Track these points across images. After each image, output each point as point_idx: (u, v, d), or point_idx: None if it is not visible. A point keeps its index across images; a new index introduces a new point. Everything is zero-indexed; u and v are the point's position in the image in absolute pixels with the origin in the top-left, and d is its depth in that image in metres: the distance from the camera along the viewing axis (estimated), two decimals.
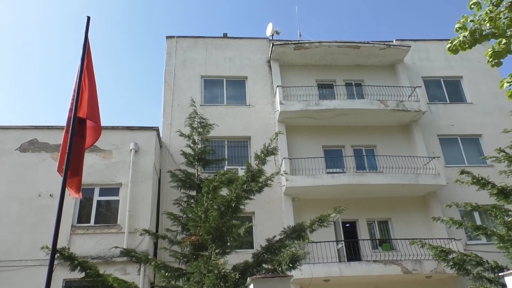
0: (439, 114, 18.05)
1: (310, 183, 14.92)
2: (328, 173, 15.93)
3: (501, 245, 8.47)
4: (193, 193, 8.38)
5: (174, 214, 8.16)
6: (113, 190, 13.48)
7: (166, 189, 14.27)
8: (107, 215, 13.38)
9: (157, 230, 13.24)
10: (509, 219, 8.35)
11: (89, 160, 13.41)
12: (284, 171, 12.91)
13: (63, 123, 6.31)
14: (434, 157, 15.87)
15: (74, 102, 6.40)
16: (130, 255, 7.71)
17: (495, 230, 8.87)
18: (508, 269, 5.82)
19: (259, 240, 11.28)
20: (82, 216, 13.09)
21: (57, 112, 52.66)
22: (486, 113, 18.11)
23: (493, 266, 8.31)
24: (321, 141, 16.96)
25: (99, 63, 48.49)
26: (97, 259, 11.75)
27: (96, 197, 13.31)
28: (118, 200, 13.28)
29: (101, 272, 6.36)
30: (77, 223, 12.85)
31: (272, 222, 14.20)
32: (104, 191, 13.47)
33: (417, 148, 16.79)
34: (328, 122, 17.03)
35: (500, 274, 6.22)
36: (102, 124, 6.94)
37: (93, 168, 13.39)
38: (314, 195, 15.30)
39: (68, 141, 6.16)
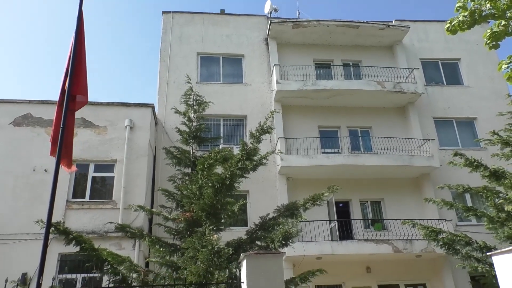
0: (436, 97, 18.05)
1: (304, 163, 15.00)
2: (323, 153, 16.00)
3: (490, 226, 8.63)
4: (188, 170, 8.41)
5: (169, 191, 8.21)
6: (108, 167, 13.49)
7: (161, 166, 14.31)
8: (102, 191, 13.43)
9: (152, 207, 13.34)
10: (500, 201, 8.48)
11: (84, 136, 13.38)
12: (279, 150, 12.94)
13: (56, 97, 6.26)
14: (428, 139, 15.95)
15: (68, 79, 6.36)
16: (125, 230, 7.78)
17: (485, 211, 9.02)
18: (496, 249, 5.93)
19: (253, 218, 11.40)
20: (77, 191, 13.14)
21: (51, 87, 52.10)
22: (482, 97, 18.13)
23: (481, 246, 8.49)
24: (317, 121, 16.96)
25: (94, 38, 47.75)
26: (92, 234, 11.86)
27: (91, 173, 13.33)
28: (113, 177, 13.32)
29: (96, 246, 6.42)
30: (72, 198, 12.91)
31: (266, 201, 14.31)
32: (99, 167, 13.48)
33: (412, 130, 16.85)
34: (325, 102, 16.99)
35: (488, 253, 6.35)
36: (98, 99, 6.92)
37: (88, 144, 13.35)
38: (309, 174, 15.40)
39: (63, 116, 6.16)
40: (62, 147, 5.99)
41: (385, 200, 16.03)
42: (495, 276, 6.05)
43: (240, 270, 5.92)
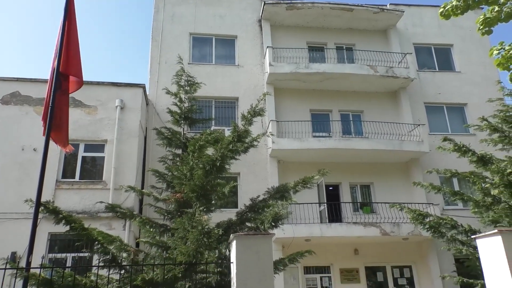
0: (427, 82, 18.12)
1: (296, 146, 15.06)
2: (314, 136, 16.06)
3: (476, 210, 8.80)
4: (179, 151, 8.39)
5: (160, 172, 8.20)
6: (98, 147, 13.41)
7: (152, 147, 14.26)
8: (93, 171, 13.38)
9: (142, 187, 13.34)
10: (486, 185, 8.63)
11: (74, 115, 13.21)
12: (270, 132, 12.96)
13: (47, 76, 6.20)
14: (419, 125, 16.08)
15: (57, 57, 6.28)
16: (115, 210, 7.79)
17: (471, 196, 9.18)
18: (480, 233, 6.07)
19: (244, 200, 11.47)
20: (67, 171, 13.07)
21: (41, 66, 51.16)
22: (473, 83, 18.24)
23: (466, 230, 8.67)
24: (309, 104, 16.96)
25: (85, 17, 46.72)
26: (82, 214, 11.85)
27: (81, 153, 13.24)
28: (104, 157, 13.26)
29: (86, 226, 6.43)
30: (62, 178, 12.85)
31: (257, 183, 14.40)
32: (89, 147, 13.39)
33: (403, 115, 16.95)
34: (317, 86, 16.96)
35: (472, 237, 6.50)
36: (87, 79, 6.88)
37: (78, 123, 13.21)
38: (300, 158, 15.48)
39: (51, 95, 6.10)
40: (51, 126, 5.96)
41: (375, 184, 16.23)
42: (478, 259, 6.21)
43: (229, 251, 5.99)
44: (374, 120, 16.42)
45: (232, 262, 5.52)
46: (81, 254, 9.51)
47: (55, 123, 6.08)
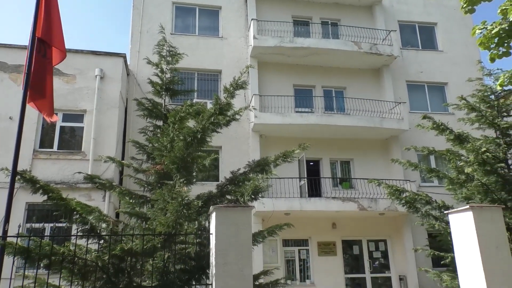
0: (410, 60, 18.23)
1: (278, 120, 15.09)
2: (297, 112, 16.10)
3: (450, 187, 9.07)
4: (160, 123, 8.29)
5: (140, 143, 8.10)
6: (77, 117, 13.14)
7: (132, 117, 14.06)
8: (71, 141, 13.15)
9: (123, 159, 13.22)
10: (461, 163, 8.87)
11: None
12: (252, 106, 12.92)
13: (24, 42, 6.00)
14: (400, 102, 16.26)
15: (33, 21, 6.08)
16: (94, 181, 7.70)
17: (446, 173, 9.44)
18: (453, 209, 6.28)
19: (225, 174, 11.47)
20: (45, 141, 12.81)
21: (16, 32, 49.15)
22: (454, 62, 18.45)
23: (440, 206, 8.95)
24: (292, 79, 16.91)
25: None
26: (61, 185, 11.70)
27: (59, 123, 12.96)
28: (83, 127, 13.02)
29: (64, 197, 6.36)
30: (40, 148, 12.60)
31: (238, 157, 14.43)
32: (67, 117, 13.10)
33: (385, 93, 17.10)
34: (301, 61, 16.87)
35: (445, 212, 6.71)
36: (66, 46, 6.70)
37: (56, 92, 12.60)
38: (282, 133, 15.54)
39: (27, 60, 5.92)
40: (27, 93, 5.81)
41: (354, 160, 16.49)
42: (450, 233, 6.44)
43: (209, 222, 6.05)
44: (356, 97, 16.52)
45: (212, 234, 5.59)
46: (60, 225, 9.46)
47: (39, 90, 5.94)
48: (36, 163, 12.27)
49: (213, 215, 5.57)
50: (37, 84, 5.88)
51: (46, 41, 6.12)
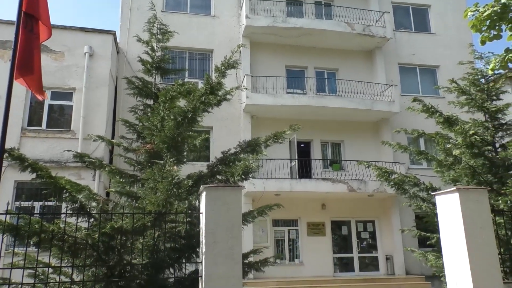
0: (402, 43, 18.18)
1: (270, 101, 15.05)
2: (288, 93, 16.06)
3: (438, 169, 9.18)
4: (150, 102, 8.20)
5: (130, 122, 8.02)
6: (66, 95, 12.96)
7: (122, 96, 13.91)
8: (60, 120, 13.00)
9: (113, 138, 13.15)
10: (449, 146, 8.96)
11: None
12: (244, 86, 12.84)
13: (10, 18, 5.83)
14: (391, 85, 16.29)
15: None
16: (83, 160, 7.63)
17: (435, 155, 9.55)
18: (440, 190, 6.38)
19: (216, 155, 11.48)
20: (33, 119, 12.65)
21: (7, 7, 47.78)
22: (446, 45, 18.44)
23: (428, 187, 9.08)
24: (285, 60, 16.80)
25: None
26: (50, 163, 11.62)
27: (48, 101, 12.77)
28: (72, 106, 12.86)
29: (53, 175, 6.31)
30: (28, 126, 12.45)
31: (229, 138, 14.41)
32: (56, 95, 12.92)
33: (377, 75, 17.09)
34: (294, 42, 16.73)
35: (432, 193, 6.82)
36: (53, 22, 6.55)
37: (44, 69, 12.33)
38: (273, 114, 15.52)
39: (14, 36, 5.78)
40: (14, 69, 5.69)
41: (345, 142, 16.59)
42: (436, 215, 6.56)
43: (199, 202, 6.07)
44: (348, 79, 16.50)
45: (202, 213, 5.62)
46: (49, 203, 9.43)
47: (27, 66, 5.81)
48: (25, 141, 12.14)
49: (203, 195, 5.60)
50: (25, 59, 5.75)
51: (33, 15, 5.97)
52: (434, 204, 7.01)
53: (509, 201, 7.08)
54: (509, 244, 6.60)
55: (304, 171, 15.49)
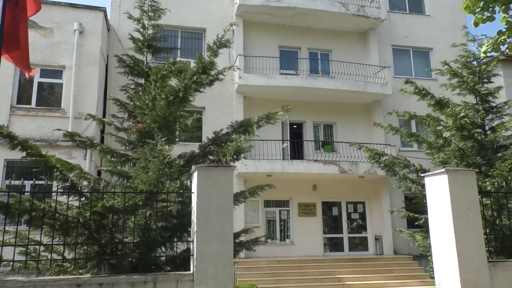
0: (397, 24, 18.06)
1: (262, 82, 14.96)
2: (281, 74, 15.97)
3: (428, 151, 9.29)
4: (141, 81, 8.09)
5: (121, 101, 7.93)
6: (56, 73, 12.76)
7: (113, 75, 13.71)
8: (50, 98, 12.84)
9: (104, 117, 13.01)
10: (440, 128, 9.04)
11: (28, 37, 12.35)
12: (236, 66, 12.73)
13: None
14: (384, 67, 16.26)
15: None
16: (74, 138, 7.57)
17: (425, 138, 9.64)
18: (429, 172, 6.46)
19: (208, 135, 11.47)
20: (23, 97, 12.47)
21: None
22: (441, 28, 18.36)
23: (417, 169, 9.19)
24: (278, 40, 16.63)
25: None
26: (40, 142, 11.50)
27: (37, 79, 12.57)
28: (62, 84, 12.68)
29: (44, 153, 6.26)
30: (17, 104, 12.27)
31: (222, 119, 14.36)
32: (45, 73, 12.71)
33: (370, 56, 17.02)
34: (287, 21, 16.53)
35: (421, 175, 6.91)
36: None
37: (32, 46, 12.11)
38: (266, 95, 15.46)
39: (1, 11, 5.63)
40: (1, 44, 5.56)
41: (337, 124, 16.63)
42: (425, 196, 6.66)
43: (191, 181, 6.09)
44: (341, 60, 16.42)
45: (193, 193, 5.64)
46: (39, 182, 9.39)
47: (13, 42, 5.67)
48: (14, 119, 12.00)
49: (195, 174, 5.61)
50: (11, 35, 5.60)
51: None
52: (423, 186, 7.12)
53: (496, 183, 7.20)
54: (494, 225, 6.74)
55: (296, 152, 15.56)
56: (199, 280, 5.20)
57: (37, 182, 8.46)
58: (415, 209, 10.85)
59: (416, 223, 10.46)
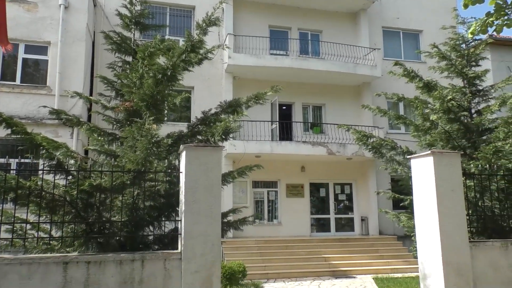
0: (388, 5, 17.96)
1: (252, 62, 14.84)
2: (271, 54, 15.84)
3: (415, 134, 9.38)
4: (129, 58, 7.95)
5: (108, 79, 7.80)
6: (41, 49, 12.45)
7: (100, 52, 13.46)
8: (36, 75, 12.58)
9: (90, 95, 12.82)
10: (427, 111, 9.11)
11: (10, 11, 11.93)
12: (226, 45, 12.58)
13: None
14: (374, 49, 16.23)
15: None
16: (60, 116, 7.45)
17: (413, 120, 9.72)
18: (415, 154, 6.55)
19: (197, 115, 11.42)
20: (7, 74, 12.19)
21: None
22: (431, 10, 18.32)
23: (404, 151, 9.30)
24: (268, 20, 16.44)
25: None
26: (26, 120, 11.31)
27: (21, 55, 12.27)
28: (47, 60, 12.40)
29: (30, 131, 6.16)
30: (1, 80, 11.99)
31: (211, 99, 14.25)
32: (30, 49, 12.40)
33: (361, 38, 16.96)
34: (278, 1, 16.34)
35: (408, 157, 7.00)
36: None
37: (16, 21, 12.01)
38: (255, 75, 15.36)
39: None
40: None
41: (326, 106, 16.66)
42: (410, 178, 6.76)
43: (179, 161, 6.08)
44: (332, 41, 16.33)
45: (181, 172, 5.64)
46: (25, 160, 9.28)
47: None
48: None
49: (183, 154, 5.59)
50: None
51: None
52: (409, 168, 7.22)
53: (480, 165, 7.33)
54: (477, 206, 6.89)
55: (285, 133, 15.59)
56: (187, 259, 5.25)
57: (22, 160, 8.36)
58: (401, 191, 11.02)
59: (401, 204, 10.65)
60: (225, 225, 7.13)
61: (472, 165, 7.73)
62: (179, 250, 5.39)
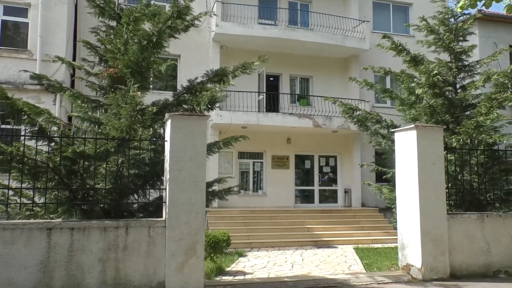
0: None
1: (240, 31, 14.58)
2: (260, 23, 15.57)
3: (401, 108, 9.47)
4: (113, 23, 7.70)
5: (91, 44, 7.56)
6: (21, 10, 11.98)
7: (83, 16, 13.00)
8: (16, 39, 12.16)
9: (74, 60, 12.47)
10: (413, 85, 9.16)
11: None
12: (213, 12, 12.28)
13: None
14: (363, 21, 16.07)
15: None
16: (41, 81, 7.25)
17: (398, 94, 9.78)
18: (400, 127, 6.63)
19: (183, 84, 11.28)
20: None
21: None
22: None
23: (389, 125, 9.41)
24: None
25: None
26: (6, 85, 10.97)
27: (0, 16, 11.79)
28: (28, 23, 11.96)
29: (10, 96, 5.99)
30: None
31: (197, 68, 14.00)
32: (9, 10, 11.92)
33: (350, 10, 16.75)
34: None
35: (392, 130, 7.09)
36: None
37: None
38: (243, 45, 15.12)
39: None
40: None
41: (314, 78, 16.60)
42: (394, 151, 6.87)
43: (164, 130, 6.04)
44: (321, 12, 16.10)
45: (166, 141, 5.62)
46: (6, 126, 9.09)
47: None
48: None
49: (169, 123, 5.55)
50: None
51: None
52: (393, 141, 7.32)
53: (461, 140, 7.47)
54: (457, 180, 7.07)
55: (272, 105, 15.55)
56: (171, 226, 5.31)
57: (3, 126, 8.19)
58: (384, 164, 11.21)
59: (384, 177, 10.86)
60: (210, 194, 7.18)
61: (454, 139, 7.87)
62: (163, 218, 5.44)
